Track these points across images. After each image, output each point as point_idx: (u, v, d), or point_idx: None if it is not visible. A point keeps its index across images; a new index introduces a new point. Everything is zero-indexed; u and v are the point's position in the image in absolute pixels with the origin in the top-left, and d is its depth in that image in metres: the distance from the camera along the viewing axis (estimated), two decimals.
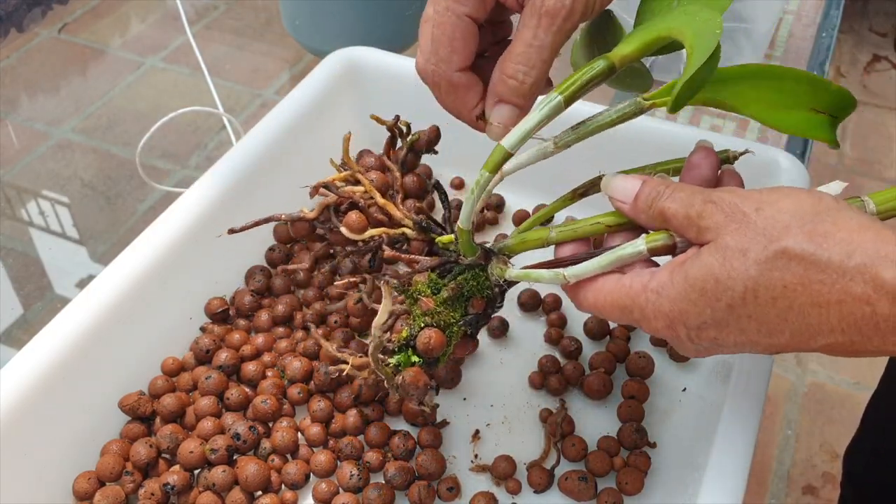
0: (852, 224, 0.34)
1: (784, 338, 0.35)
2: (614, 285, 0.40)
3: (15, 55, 1.06)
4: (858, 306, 0.32)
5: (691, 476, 0.53)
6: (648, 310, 0.38)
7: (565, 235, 0.44)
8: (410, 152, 0.52)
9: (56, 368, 0.50)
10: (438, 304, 0.45)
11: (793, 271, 0.34)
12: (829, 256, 0.33)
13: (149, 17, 1.13)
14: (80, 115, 0.98)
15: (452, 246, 0.48)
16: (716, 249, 0.36)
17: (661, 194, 0.39)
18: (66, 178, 0.91)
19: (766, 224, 0.35)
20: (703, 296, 0.36)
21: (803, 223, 0.34)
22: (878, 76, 1.98)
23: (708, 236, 0.36)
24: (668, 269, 0.38)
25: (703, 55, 0.37)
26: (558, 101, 0.42)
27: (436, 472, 0.53)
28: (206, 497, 0.51)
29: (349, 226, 0.48)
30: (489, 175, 0.43)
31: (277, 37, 1.08)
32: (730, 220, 0.36)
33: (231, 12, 1.13)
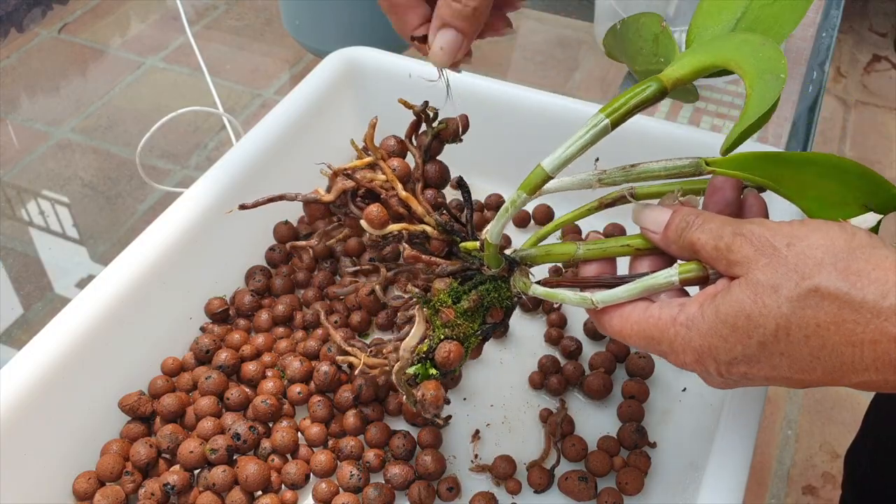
0: (887, 262, 0.33)
1: (816, 374, 0.35)
2: (642, 315, 0.39)
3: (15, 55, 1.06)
4: (893, 346, 0.32)
5: (691, 476, 0.53)
6: (677, 343, 0.38)
7: (593, 254, 0.43)
8: (435, 140, 0.50)
9: (56, 368, 0.50)
10: (458, 316, 0.45)
11: (826, 310, 0.33)
12: (863, 296, 0.32)
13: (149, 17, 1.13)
14: (80, 115, 0.98)
15: (475, 252, 0.47)
16: (747, 285, 0.35)
17: (690, 225, 0.39)
18: (66, 178, 0.91)
19: (797, 260, 0.34)
20: (735, 332, 0.35)
21: (836, 260, 0.34)
22: (878, 76, 1.98)
23: (738, 270, 0.36)
24: (698, 302, 0.37)
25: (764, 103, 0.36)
26: (605, 124, 0.40)
27: (436, 472, 0.53)
28: (206, 497, 0.51)
29: (370, 220, 0.46)
30: (526, 196, 0.42)
31: (277, 37, 1.08)
32: (760, 254, 0.35)
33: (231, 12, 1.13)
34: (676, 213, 0.40)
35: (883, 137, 1.79)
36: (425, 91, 0.49)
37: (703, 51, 0.41)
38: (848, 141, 1.78)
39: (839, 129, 1.81)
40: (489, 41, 0.49)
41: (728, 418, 0.48)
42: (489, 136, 0.49)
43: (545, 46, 1.00)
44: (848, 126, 1.81)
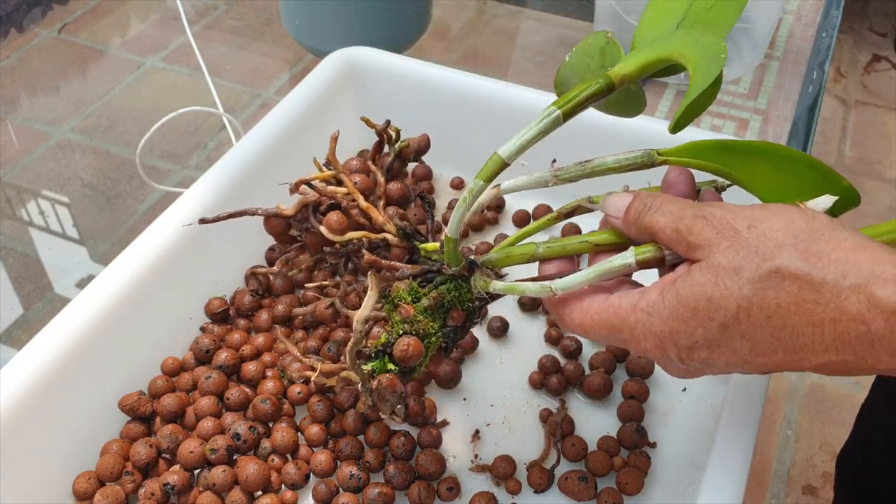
0: (847, 244, 0.33)
1: (777, 357, 0.35)
2: (602, 304, 0.40)
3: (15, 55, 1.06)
4: (853, 325, 0.32)
5: (691, 476, 0.53)
6: (638, 330, 0.38)
7: (552, 252, 0.44)
8: (397, 159, 0.51)
9: (56, 368, 0.50)
10: (419, 313, 0.45)
11: (787, 290, 0.33)
12: (823, 276, 0.33)
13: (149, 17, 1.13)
14: (80, 115, 0.98)
15: (436, 255, 0.47)
16: (708, 268, 0.35)
17: (649, 207, 0.39)
18: (66, 178, 0.90)
19: (758, 242, 0.34)
20: (696, 315, 0.35)
21: (797, 241, 0.34)
22: (878, 76, 1.98)
23: (698, 254, 0.36)
24: (658, 288, 0.37)
25: (706, 80, 0.37)
26: (557, 115, 0.41)
27: (436, 472, 0.53)
28: (206, 497, 0.51)
29: (329, 226, 0.47)
30: (482, 184, 0.42)
31: (277, 37, 1.08)
32: (721, 237, 0.35)
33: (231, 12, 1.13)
34: (637, 197, 0.40)
35: (883, 137, 1.79)
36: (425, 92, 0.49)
37: (648, 48, 0.43)
38: (848, 141, 1.78)
39: (839, 129, 1.81)
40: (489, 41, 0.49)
41: (728, 418, 0.48)
42: (489, 136, 0.49)
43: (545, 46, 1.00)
44: (848, 126, 1.81)
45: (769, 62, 0.93)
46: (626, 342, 0.39)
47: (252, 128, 0.66)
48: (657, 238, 0.38)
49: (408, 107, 0.73)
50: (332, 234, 0.47)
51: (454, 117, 0.50)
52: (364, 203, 0.48)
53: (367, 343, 0.45)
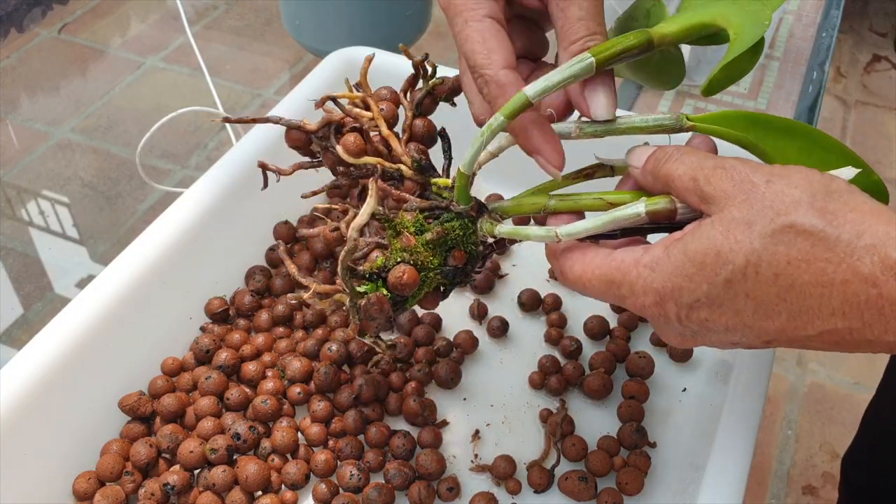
0: (864, 206, 0.33)
1: (780, 321, 0.34)
2: (603, 259, 0.38)
3: (15, 55, 1.06)
4: (864, 287, 0.31)
5: (691, 476, 0.53)
6: (638, 285, 0.36)
7: (564, 205, 0.42)
8: (429, 96, 0.49)
9: (56, 368, 0.50)
10: (420, 244, 0.43)
11: (799, 247, 0.32)
12: (838, 234, 0.32)
13: (149, 17, 1.13)
14: (80, 115, 0.98)
15: (447, 193, 0.45)
16: (720, 221, 0.34)
17: (669, 157, 0.38)
18: (66, 178, 0.90)
19: (774, 197, 0.33)
20: (702, 270, 0.34)
21: (814, 199, 0.33)
22: (878, 76, 1.98)
23: (712, 207, 0.35)
24: (664, 244, 0.36)
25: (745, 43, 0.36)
26: (590, 61, 0.39)
27: (436, 472, 0.53)
28: (206, 497, 0.51)
29: (346, 147, 0.45)
30: (503, 120, 0.41)
31: (277, 37, 1.08)
32: (737, 189, 0.34)
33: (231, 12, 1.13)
34: (659, 148, 0.39)
35: (883, 137, 1.79)
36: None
37: (693, 11, 0.42)
38: (848, 141, 1.77)
39: (839, 129, 1.81)
40: None
41: (728, 418, 0.48)
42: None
43: None
44: (848, 126, 1.81)
45: (769, 62, 0.93)
46: (623, 298, 0.37)
47: (252, 128, 0.66)
48: (673, 187, 0.37)
49: None
50: (348, 156, 0.45)
51: (454, 117, 0.50)
52: (386, 131, 0.46)
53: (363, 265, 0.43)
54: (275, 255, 0.66)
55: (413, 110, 0.49)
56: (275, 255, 0.66)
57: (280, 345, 0.60)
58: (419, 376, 0.58)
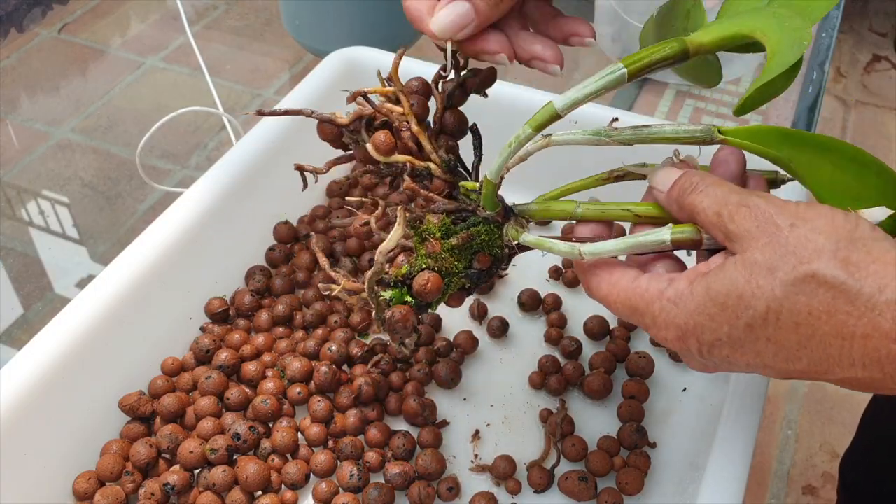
0: (888, 256, 0.32)
1: (801, 365, 0.34)
2: (629, 283, 0.39)
3: (15, 55, 1.06)
4: (885, 343, 0.31)
5: (691, 476, 0.53)
6: (661, 318, 0.37)
7: (592, 213, 0.42)
8: (460, 88, 0.48)
9: (56, 368, 0.50)
10: (445, 250, 0.44)
11: (820, 298, 0.32)
12: (860, 287, 0.32)
13: (149, 17, 1.13)
14: (80, 115, 0.98)
15: (474, 195, 0.46)
16: (742, 264, 0.34)
17: (695, 187, 0.38)
18: (66, 178, 0.90)
19: (797, 243, 0.33)
20: (724, 311, 0.35)
21: (837, 248, 0.33)
22: (878, 76, 1.98)
23: (735, 245, 0.35)
24: (689, 278, 0.36)
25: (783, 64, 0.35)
26: (622, 72, 0.39)
27: (436, 472, 0.53)
28: (206, 497, 0.51)
29: (376, 144, 0.45)
30: (531, 132, 0.41)
31: (277, 37, 1.08)
32: (761, 231, 0.34)
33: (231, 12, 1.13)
34: (685, 174, 0.39)
35: (883, 137, 1.79)
36: None
37: (732, 21, 0.41)
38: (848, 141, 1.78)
39: (839, 129, 1.81)
40: None
41: (728, 418, 0.48)
42: (489, 136, 0.49)
43: None
44: (848, 126, 1.81)
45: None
46: (647, 327, 0.38)
47: (252, 128, 0.66)
48: (697, 219, 0.37)
49: None
50: (378, 154, 0.45)
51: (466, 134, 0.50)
52: (416, 127, 0.46)
53: (389, 270, 0.44)
54: (275, 254, 0.66)
55: (443, 102, 0.48)
56: (275, 254, 0.66)
57: (280, 345, 0.60)
58: (419, 376, 0.58)
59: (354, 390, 0.56)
